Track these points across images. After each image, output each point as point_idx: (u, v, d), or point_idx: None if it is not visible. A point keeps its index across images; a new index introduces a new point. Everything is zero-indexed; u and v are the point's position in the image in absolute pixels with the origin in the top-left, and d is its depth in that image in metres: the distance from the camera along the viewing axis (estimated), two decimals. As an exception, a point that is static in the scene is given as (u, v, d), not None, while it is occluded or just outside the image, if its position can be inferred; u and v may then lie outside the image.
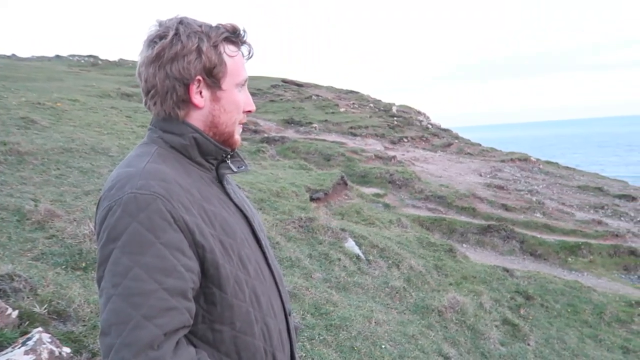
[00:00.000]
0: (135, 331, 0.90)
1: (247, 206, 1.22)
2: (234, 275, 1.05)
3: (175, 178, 1.03)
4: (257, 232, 1.19)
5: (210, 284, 1.03)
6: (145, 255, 0.93)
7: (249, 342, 1.08)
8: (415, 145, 20.70)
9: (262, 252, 1.19)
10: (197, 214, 1.02)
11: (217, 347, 1.05)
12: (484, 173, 16.39)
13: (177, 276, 0.95)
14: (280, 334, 1.17)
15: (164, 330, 0.92)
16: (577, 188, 16.05)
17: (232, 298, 1.05)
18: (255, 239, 1.18)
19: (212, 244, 1.02)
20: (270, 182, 7.99)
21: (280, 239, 5.29)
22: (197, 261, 1.00)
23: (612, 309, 6.57)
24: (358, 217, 8.58)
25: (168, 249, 0.95)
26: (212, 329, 1.05)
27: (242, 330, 1.07)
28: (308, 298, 4.15)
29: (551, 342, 5.40)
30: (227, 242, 1.06)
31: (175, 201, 0.99)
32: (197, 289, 1.01)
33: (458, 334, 4.70)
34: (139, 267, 0.93)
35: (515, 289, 6.52)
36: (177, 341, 0.96)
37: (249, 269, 1.10)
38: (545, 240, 10.31)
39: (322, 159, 14.47)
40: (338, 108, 24.69)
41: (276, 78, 31.77)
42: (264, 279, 1.15)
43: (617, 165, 60.10)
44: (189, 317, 0.98)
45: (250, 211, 1.21)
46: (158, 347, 0.91)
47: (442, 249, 7.43)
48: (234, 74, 1.14)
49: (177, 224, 0.98)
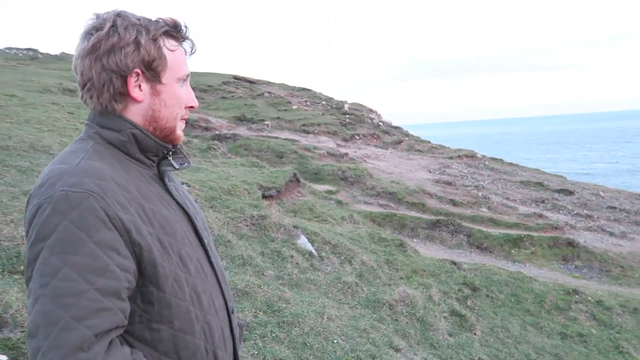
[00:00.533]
0: (63, 333, 0.87)
1: (189, 204, 1.20)
2: (173, 274, 1.03)
3: (111, 175, 1.00)
4: (200, 230, 1.17)
5: (148, 283, 1.00)
6: (76, 254, 0.90)
7: (189, 340, 1.07)
8: (367, 143, 20.99)
9: (204, 250, 1.17)
10: (135, 212, 1.00)
11: (155, 346, 1.03)
12: (433, 169, 16.84)
13: (111, 276, 0.93)
14: (223, 331, 1.16)
15: (95, 331, 0.89)
16: (520, 183, 16.78)
17: (171, 297, 1.03)
18: (198, 237, 1.16)
19: (149, 243, 1.00)
20: (221, 180, 7.88)
21: (232, 237, 5.23)
22: (134, 260, 0.98)
23: (552, 298, 6.91)
24: (311, 214, 8.61)
25: (101, 248, 0.92)
26: (149, 328, 1.02)
27: (181, 329, 1.05)
28: (260, 296, 4.13)
29: (496, 331, 5.63)
30: (167, 241, 1.04)
31: (110, 199, 0.96)
32: (133, 288, 0.99)
33: (408, 326, 4.81)
34: (69, 267, 0.89)
35: (463, 281, 6.74)
36: (110, 342, 0.93)
37: (189, 267, 1.08)
38: (490, 234, 10.72)
39: (274, 156, 14.42)
40: (290, 105, 24.67)
41: (227, 75, 31.34)
42: (205, 277, 1.13)
43: (555, 162, 63.32)
44: (122, 317, 0.96)
45: (192, 209, 1.19)
46: (88, 349, 0.88)
47: (393, 244, 7.58)
48: (174, 68, 1.12)
49: (112, 223, 0.95)
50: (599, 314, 6.75)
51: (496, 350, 5.13)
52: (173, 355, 1.05)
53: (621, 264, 10.30)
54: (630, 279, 9.73)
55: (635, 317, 7.03)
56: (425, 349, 4.53)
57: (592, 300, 7.07)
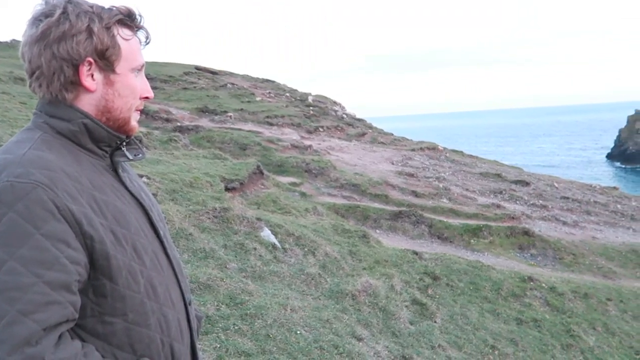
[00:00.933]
0: (9, 327, 0.84)
1: (144, 195, 1.18)
2: (127, 266, 1.02)
3: (61, 166, 0.98)
4: (155, 221, 1.15)
5: (100, 276, 0.98)
6: (22, 247, 0.87)
7: (144, 333, 1.05)
8: (330, 135, 21.05)
9: (160, 242, 1.16)
10: (86, 203, 0.98)
11: (109, 340, 1.01)
12: (396, 161, 17.07)
13: (60, 269, 0.90)
14: (179, 323, 1.15)
15: (43, 326, 0.87)
16: (479, 175, 17.24)
17: (125, 289, 1.01)
18: (153, 228, 1.15)
19: (102, 235, 0.98)
20: (183, 172, 7.75)
21: (193, 230, 5.16)
22: (85, 253, 0.96)
23: (508, 285, 7.15)
24: (274, 206, 8.59)
25: (50, 240, 0.90)
26: (102, 321, 1.01)
27: (135, 321, 1.04)
28: (223, 289, 4.11)
29: (455, 318, 5.79)
30: (120, 232, 1.02)
31: (60, 190, 0.93)
32: (84, 281, 0.96)
33: (371, 315, 4.88)
34: (14, 260, 0.87)
35: (424, 270, 6.89)
36: (60, 336, 0.91)
37: (144, 259, 1.06)
38: (451, 224, 10.98)
39: (237, 148, 14.28)
40: (254, 97, 24.44)
41: (189, 65, 30.72)
42: (161, 269, 1.12)
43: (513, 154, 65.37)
44: (73, 310, 0.93)
45: (147, 200, 1.17)
46: (36, 343, 0.86)
47: (356, 235, 7.65)
48: (129, 58, 1.10)
49: (62, 214, 0.92)
50: (552, 300, 7.03)
51: (455, 337, 5.28)
52: (127, 349, 1.03)
53: (573, 251, 10.77)
54: (581, 266, 10.19)
55: (585, 302, 7.37)
56: (387, 338, 4.61)
57: (546, 286, 7.36)
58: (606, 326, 6.86)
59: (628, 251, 11.24)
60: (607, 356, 6.05)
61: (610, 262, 10.69)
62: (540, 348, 5.74)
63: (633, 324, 7.32)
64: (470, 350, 5.12)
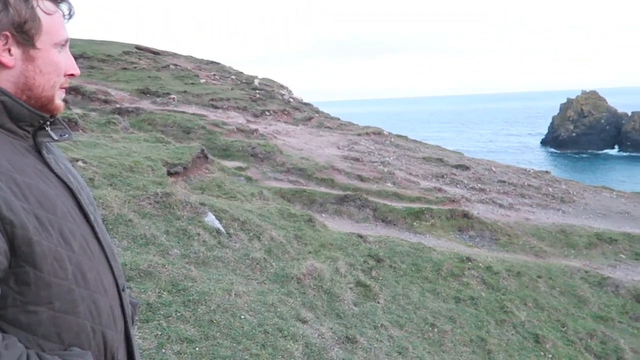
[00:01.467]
0: None
1: (72, 177, 1.11)
2: (52, 252, 0.96)
3: None
4: (84, 205, 1.10)
5: (23, 263, 0.93)
6: None
7: (72, 321, 1.01)
8: (277, 119, 20.91)
9: (90, 226, 1.10)
10: (6, 186, 0.91)
11: (33, 330, 0.96)
12: (342, 146, 17.22)
13: None
14: (112, 310, 1.11)
15: None
16: (422, 159, 17.72)
17: (50, 276, 0.96)
18: (82, 212, 1.09)
19: (23, 219, 0.92)
20: (122, 156, 7.46)
21: (133, 216, 4.99)
22: (4, 239, 0.90)
23: (448, 265, 7.45)
24: (219, 191, 8.46)
25: None
26: (25, 311, 0.95)
27: (62, 309, 0.99)
28: (165, 275, 4.01)
29: (397, 299, 5.97)
30: (45, 217, 0.96)
31: None
32: (4, 269, 0.91)
33: (315, 298, 4.94)
34: None
35: (368, 253, 7.04)
36: None
37: (72, 244, 1.01)
38: (394, 208, 11.25)
39: (181, 131, 13.90)
40: (198, 79, 23.80)
41: (129, 44, 29.40)
42: (92, 254, 1.07)
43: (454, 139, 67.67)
44: None
45: (76, 183, 1.11)
46: None
47: (302, 219, 7.69)
48: (51, 32, 1.03)
49: None
50: (488, 279, 7.40)
51: (397, 317, 5.45)
52: (54, 338, 0.99)
53: (508, 232, 11.34)
54: (515, 246, 10.76)
55: (518, 280, 7.81)
56: (332, 319, 4.69)
57: (483, 266, 7.72)
58: (536, 302, 7.31)
59: (557, 231, 11.98)
60: (537, 329, 6.46)
61: (542, 241, 11.36)
62: (477, 324, 6.04)
63: (560, 299, 7.84)
64: (411, 329, 5.31)
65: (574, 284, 8.50)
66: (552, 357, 5.99)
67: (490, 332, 5.95)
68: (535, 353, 5.95)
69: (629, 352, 6.83)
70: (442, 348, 5.21)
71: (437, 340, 5.32)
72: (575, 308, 7.72)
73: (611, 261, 10.86)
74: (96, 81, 18.80)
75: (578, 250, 11.21)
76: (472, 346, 5.53)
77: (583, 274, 9.02)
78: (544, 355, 5.97)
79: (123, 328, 1.16)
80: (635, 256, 11.27)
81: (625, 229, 13.05)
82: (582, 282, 8.67)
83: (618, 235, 12.03)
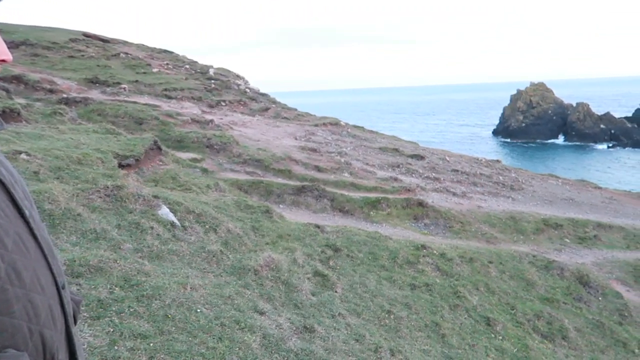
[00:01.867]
0: None
1: (4, 171, 1.05)
2: None
3: None
4: (18, 200, 1.03)
5: None
6: None
7: (6, 322, 0.95)
8: (233, 109, 20.62)
9: (25, 222, 1.04)
10: None
11: None
12: (299, 137, 17.19)
13: None
14: (51, 309, 1.06)
15: None
16: (379, 149, 17.94)
17: None
18: (16, 208, 1.03)
19: None
20: (70, 148, 7.16)
21: (82, 210, 4.81)
22: None
23: (404, 253, 7.60)
24: (174, 183, 8.27)
25: None
26: None
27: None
28: (116, 271, 3.89)
29: (355, 287, 6.04)
30: None
31: None
32: None
33: (273, 289, 4.93)
34: None
35: (326, 243, 7.08)
36: None
37: (5, 241, 0.95)
38: (352, 197, 11.35)
39: (133, 122, 13.48)
40: (150, 68, 23.11)
41: (76, 31, 28.17)
42: (27, 251, 1.01)
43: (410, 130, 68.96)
44: None
45: (8, 176, 1.05)
46: None
47: (259, 210, 7.63)
48: None
49: None
50: (442, 265, 7.60)
51: (354, 305, 5.51)
52: None
53: (461, 220, 11.68)
54: (467, 233, 11.10)
55: (470, 266, 8.06)
56: (290, 310, 4.69)
57: (437, 253, 7.93)
58: (487, 286, 7.58)
59: (507, 218, 12.44)
60: (488, 313, 6.70)
61: (493, 228, 11.77)
62: (431, 310, 6.20)
63: (510, 283, 8.17)
64: (368, 317, 5.39)
65: (523, 268, 8.86)
66: (502, 339, 6.24)
67: (444, 317, 6.12)
68: (487, 335, 6.18)
69: (572, 331, 7.21)
70: (398, 334, 5.32)
71: (393, 326, 5.42)
72: (523, 291, 8.06)
73: (557, 245, 11.40)
74: (40, 69, 17.92)
75: (526, 236, 11.70)
76: (427, 331, 5.68)
77: (531, 259, 9.42)
78: (495, 337, 6.20)
79: (64, 327, 1.11)
80: (579, 240, 11.88)
81: (569, 214, 13.71)
82: (530, 266, 9.05)
83: (563, 221, 12.62)
